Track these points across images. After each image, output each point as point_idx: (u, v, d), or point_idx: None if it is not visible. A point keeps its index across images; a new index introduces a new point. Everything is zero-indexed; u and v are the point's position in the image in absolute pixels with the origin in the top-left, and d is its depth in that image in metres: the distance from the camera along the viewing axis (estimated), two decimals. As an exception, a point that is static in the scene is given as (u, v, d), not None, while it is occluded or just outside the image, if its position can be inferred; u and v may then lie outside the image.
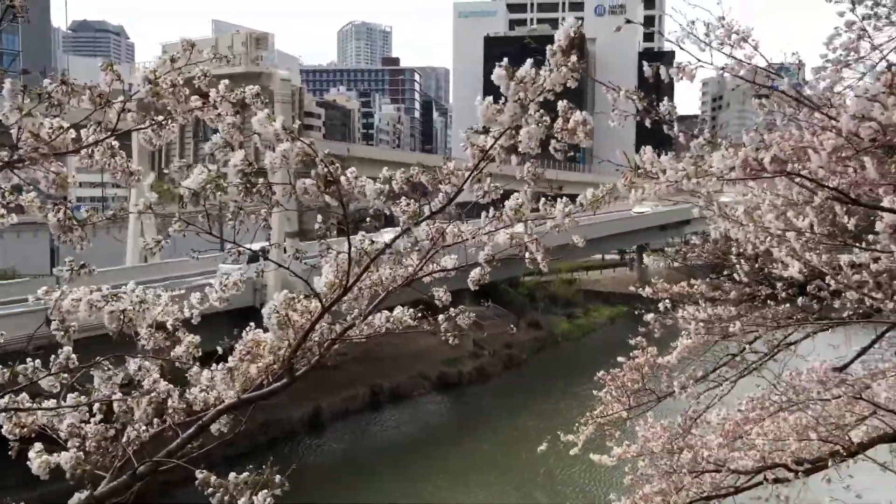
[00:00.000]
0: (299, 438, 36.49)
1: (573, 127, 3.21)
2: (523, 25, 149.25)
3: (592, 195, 3.79)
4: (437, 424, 41.34)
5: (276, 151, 3.11)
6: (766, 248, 6.14)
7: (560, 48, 3.04)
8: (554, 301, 64.69)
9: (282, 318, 3.57)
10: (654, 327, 10.22)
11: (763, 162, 3.22)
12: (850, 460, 9.32)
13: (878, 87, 3.11)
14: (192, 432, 3.57)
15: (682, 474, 10.57)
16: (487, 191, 3.39)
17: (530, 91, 3.02)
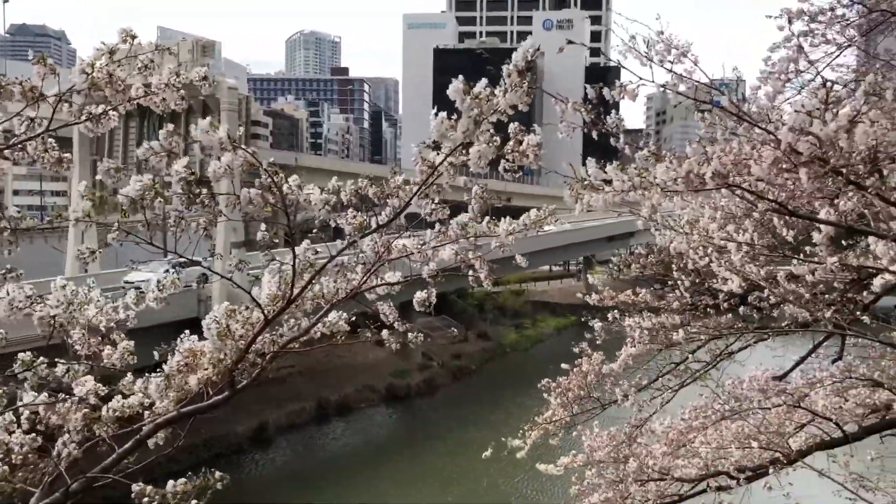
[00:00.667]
0: (245, 453, 35.87)
1: (525, 149, 3.22)
2: (473, 38, 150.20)
3: (535, 215, 3.81)
4: (385, 437, 41.09)
5: (219, 160, 3.03)
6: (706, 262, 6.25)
7: (516, 69, 3.05)
8: (503, 312, 65.02)
9: (222, 328, 3.48)
10: (599, 335, 10.32)
11: (705, 175, 3.27)
12: (789, 467, 9.50)
13: (815, 102, 3.19)
14: (128, 447, 3.45)
15: (628, 483, 10.68)
16: (435, 208, 3.38)
17: (485, 108, 3.02)
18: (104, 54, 3.46)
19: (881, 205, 3.63)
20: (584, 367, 10.43)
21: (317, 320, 3.69)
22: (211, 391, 3.55)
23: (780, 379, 9.87)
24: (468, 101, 3.01)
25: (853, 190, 3.34)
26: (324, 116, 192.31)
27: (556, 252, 63.71)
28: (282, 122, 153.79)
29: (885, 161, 4.52)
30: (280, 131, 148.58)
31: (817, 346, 10.06)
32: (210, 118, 3.26)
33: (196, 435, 32.03)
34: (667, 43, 4.19)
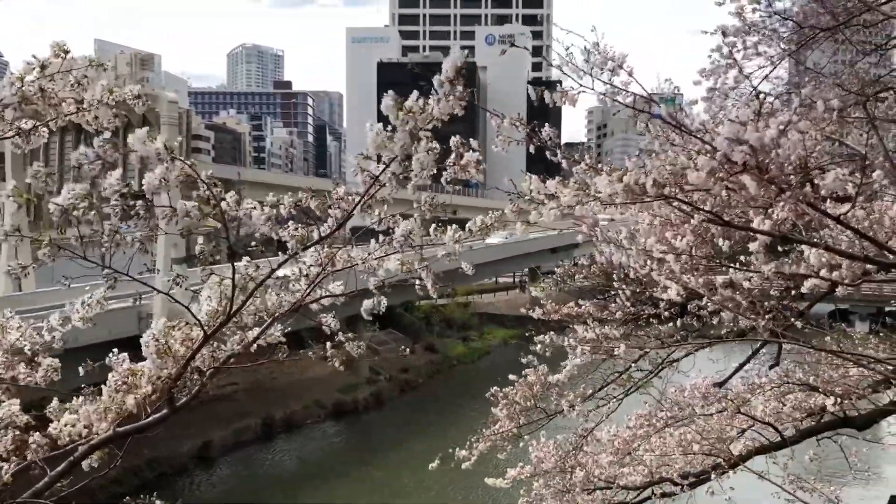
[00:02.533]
0: (189, 473, 35.09)
1: (466, 164, 3.24)
2: (416, 52, 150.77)
3: (482, 222, 3.82)
4: (332, 452, 40.63)
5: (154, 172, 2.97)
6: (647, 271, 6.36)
7: (447, 78, 3.07)
8: (449, 324, 65.08)
9: (161, 346, 3.40)
10: (544, 349, 10.41)
11: (645, 186, 3.33)
12: (731, 472, 9.70)
13: (748, 112, 3.28)
14: (61, 469, 3.33)
15: (576, 493, 10.77)
16: (382, 217, 3.37)
17: (420, 120, 3.03)
18: (34, 68, 3.37)
19: (812, 213, 3.74)
20: (530, 379, 10.49)
21: (259, 334, 3.63)
22: (149, 410, 3.46)
23: (720, 385, 10.08)
24: (402, 116, 3.01)
25: (785, 199, 3.44)
26: (267, 130, 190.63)
27: (502, 264, 64.15)
28: (224, 136, 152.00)
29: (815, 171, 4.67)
30: (222, 145, 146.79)
31: (755, 352, 10.31)
32: (147, 128, 3.19)
33: (139, 456, 31.22)
34: (603, 55, 4.26)
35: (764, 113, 3.24)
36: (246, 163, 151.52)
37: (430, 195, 3.43)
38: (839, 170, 3.57)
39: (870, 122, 5.23)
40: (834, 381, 9.83)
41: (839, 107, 7.24)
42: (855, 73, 9.79)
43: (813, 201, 4.11)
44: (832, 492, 9.29)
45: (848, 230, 4.00)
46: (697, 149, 3.36)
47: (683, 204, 3.60)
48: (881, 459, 21.32)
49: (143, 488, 27.29)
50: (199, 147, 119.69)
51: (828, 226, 4.41)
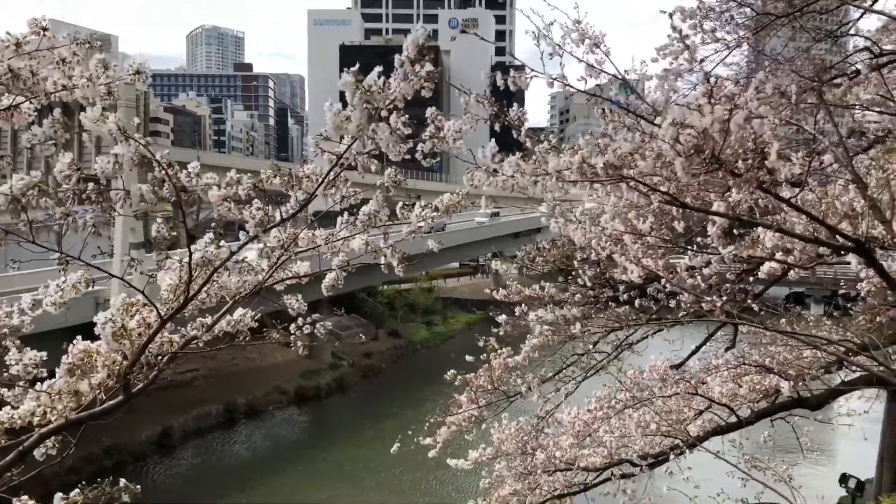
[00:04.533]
0: (148, 460, 34.68)
1: (445, 135, 3.21)
2: (379, 35, 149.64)
3: (448, 199, 3.81)
4: (295, 438, 40.49)
5: (109, 153, 2.90)
6: (607, 252, 6.42)
7: (409, 58, 3.04)
8: (413, 309, 65.01)
9: (117, 328, 3.32)
10: (505, 329, 10.45)
11: (597, 166, 3.35)
12: (689, 452, 9.85)
13: (698, 95, 3.31)
14: (11, 458, 3.25)
15: (537, 474, 10.86)
16: (345, 195, 3.32)
17: (378, 99, 3.00)
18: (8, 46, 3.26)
19: (766, 197, 3.80)
20: (491, 362, 10.54)
21: (218, 317, 3.58)
22: (105, 396, 3.39)
23: (677, 367, 10.23)
24: (359, 94, 2.98)
25: (740, 182, 3.49)
26: (227, 113, 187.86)
27: (465, 249, 64.27)
28: (183, 119, 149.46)
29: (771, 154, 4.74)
30: (182, 128, 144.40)
31: (711, 334, 10.47)
32: (99, 106, 3.11)
33: (96, 443, 30.77)
34: (581, 32, 4.24)
35: (716, 97, 3.27)
36: (206, 146, 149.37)
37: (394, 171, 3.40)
38: (790, 152, 3.63)
39: (823, 107, 5.32)
40: (788, 363, 10.02)
41: (795, 92, 7.36)
42: (810, 60, 9.94)
43: (766, 185, 4.18)
44: (784, 470, 9.49)
45: (800, 213, 4.07)
46: (650, 133, 3.38)
47: (641, 185, 3.64)
48: (832, 438, 21.89)
49: (100, 476, 26.88)
50: (157, 130, 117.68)
51: (783, 209, 4.48)
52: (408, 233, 3.64)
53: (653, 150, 3.57)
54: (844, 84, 9.58)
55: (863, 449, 20.65)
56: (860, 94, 8.89)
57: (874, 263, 4.12)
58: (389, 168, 3.49)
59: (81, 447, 3.58)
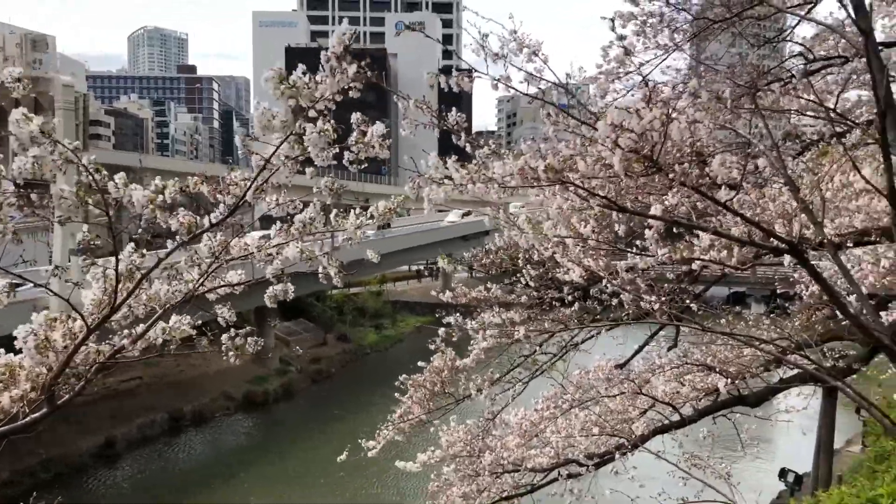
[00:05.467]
0: (90, 472, 33.78)
1: (370, 140, 3.16)
2: (325, 37, 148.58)
3: (384, 206, 3.77)
4: (242, 445, 39.91)
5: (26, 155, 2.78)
6: (550, 254, 6.46)
7: (335, 55, 2.99)
8: (362, 313, 64.70)
9: (40, 340, 3.20)
10: (453, 332, 10.44)
11: (538, 170, 3.36)
12: (633, 452, 9.96)
13: (636, 99, 3.35)
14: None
15: (484, 476, 10.87)
16: (281, 202, 3.25)
17: (305, 96, 2.94)
18: None
19: (703, 199, 3.86)
20: (437, 364, 10.52)
21: (148, 327, 3.48)
22: (28, 409, 3.25)
23: (621, 367, 10.35)
24: (283, 91, 2.92)
25: (677, 185, 3.53)
26: (170, 116, 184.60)
27: (414, 252, 64.22)
28: (125, 122, 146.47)
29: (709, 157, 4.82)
30: (123, 131, 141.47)
31: (653, 335, 10.62)
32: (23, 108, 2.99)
33: (33, 456, 29.86)
34: (519, 42, 4.27)
35: (654, 101, 3.31)
36: (149, 149, 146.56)
37: (331, 178, 3.34)
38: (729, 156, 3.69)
39: (757, 112, 5.44)
40: (729, 361, 10.21)
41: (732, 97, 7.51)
42: (747, 66, 10.15)
43: (702, 188, 4.24)
44: (723, 468, 9.67)
45: (735, 216, 4.14)
46: (590, 136, 3.40)
47: (580, 189, 3.65)
48: (772, 434, 22.45)
49: (38, 489, 26.13)
50: (98, 133, 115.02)
51: (721, 212, 4.56)
52: (344, 240, 3.58)
53: (592, 154, 3.60)
54: (779, 89, 9.83)
55: (802, 444, 21.25)
56: (794, 99, 9.13)
57: (806, 264, 4.22)
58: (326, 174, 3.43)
59: (18, 460, 3.43)
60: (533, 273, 9.56)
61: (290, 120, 2.93)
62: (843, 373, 10.11)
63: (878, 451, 9.54)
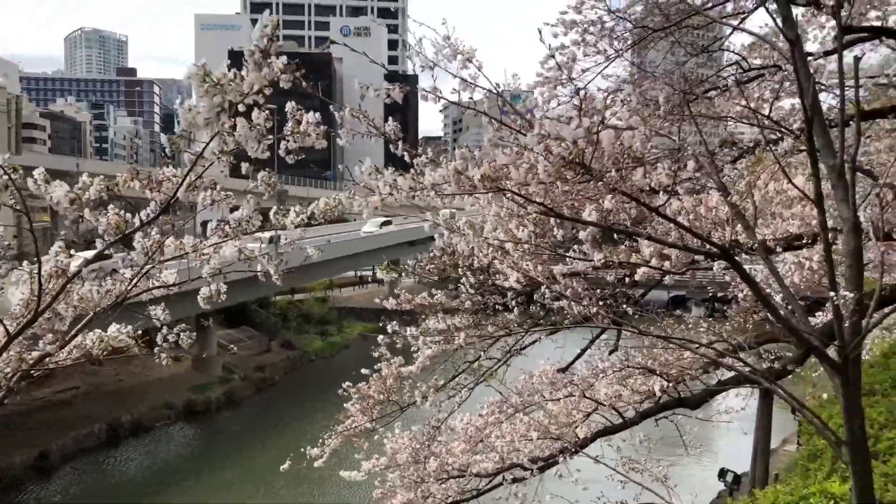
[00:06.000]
0: (24, 486, 32.68)
1: (305, 129, 3.12)
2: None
3: (325, 204, 3.73)
4: (182, 455, 39.09)
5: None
6: (489, 260, 6.48)
7: (258, 48, 2.95)
8: (307, 320, 64.10)
9: (-42, 349, 3.07)
10: (397, 339, 10.41)
11: (474, 178, 3.36)
12: (577, 455, 10.05)
13: (569, 107, 3.39)
14: None
15: (430, 483, 10.84)
16: (216, 199, 3.18)
17: (230, 91, 2.89)
18: None
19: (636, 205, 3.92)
20: (383, 372, 10.47)
21: (76, 332, 3.37)
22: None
23: (564, 371, 10.45)
24: (207, 87, 2.87)
25: (609, 192, 3.58)
26: (109, 119, 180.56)
27: (361, 257, 63.91)
28: (62, 125, 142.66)
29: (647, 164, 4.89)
30: (60, 135, 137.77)
31: (594, 339, 10.74)
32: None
33: (-39, 472, 28.82)
34: (453, 48, 4.27)
35: (586, 109, 3.35)
36: (87, 153, 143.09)
37: (268, 174, 3.28)
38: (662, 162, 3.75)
39: (690, 119, 5.56)
40: (669, 364, 10.37)
41: (668, 104, 7.66)
42: (684, 74, 10.38)
43: (640, 193, 4.30)
44: (661, 470, 9.82)
45: (668, 221, 4.22)
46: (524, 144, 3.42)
47: (516, 196, 3.67)
48: (711, 435, 22.92)
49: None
50: (33, 136, 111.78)
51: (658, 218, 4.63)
52: (287, 242, 3.53)
53: (527, 162, 3.62)
54: (716, 97, 10.08)
55: (742, 444, 21.76)
56: (730, 106, 9.36)
57: (737, 268, 4.32)
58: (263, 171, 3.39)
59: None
60: (472, 280, 9.58)
61: (213, 116, 2.87)
62: (778, 374, 10.37)
63: (810, 450, 9.81)
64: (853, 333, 4.19)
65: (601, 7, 9.78)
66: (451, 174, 3.33)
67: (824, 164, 4.31)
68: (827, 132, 4.38)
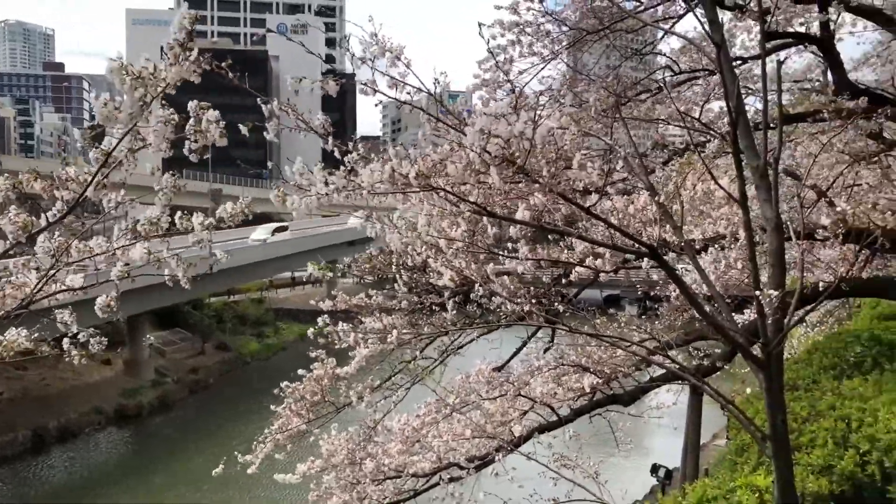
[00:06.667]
0: (-59, 496, 31.40)
1: (206, 127, 3.04)
2: (204, 38, 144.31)
3: (232, 208, 3.63)
4: (112, 461, 38.04)
5: None
6: (423, 258, 6.46)
7: (177, 41, 2.87)
8: (243, 321, 63.14)
9: None
10: (333, 339, 10.29)
11: (409, 176, 3.34)
12: (513, 453, 10.10)
13: (504, 105, 3.39)
14: None
15: (366, 484, 10.76)
16: (121, 202, 3.07)
17: (150, 86, 2.80)
18: None
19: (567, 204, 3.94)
20: (316, 373, 10.35)
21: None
22: None
23: (499, 370, 10.50)
24: (129, 82, 2.78)
25: (541, 190, 3.59)
26: (35, 115, 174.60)
27: (298, 258, 63.29)
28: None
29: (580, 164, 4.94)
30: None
31: (529, 337, 10.83)
32: None
33: None
34: (381, 46, 4.23)
35: (521, 107, 3.35)
36: (11, 150, 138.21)
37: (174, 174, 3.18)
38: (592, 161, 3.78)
39: (620, 120, 5.64)
40: (603, 362, 10.52)
41: (601, 106, 7.78)
42: (616, 76, 10.56)
43: (574, 193, 4.33)
44: (592, 466, 9.94)
45: (597, 220, 4.27)
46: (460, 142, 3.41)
47: (449, 194, 3.66)
48: (644, 432, 23.40)
49: None
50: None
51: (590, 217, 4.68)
52: (194, 243, 3.43)
53: (461, 159, 3.61)
54: (649, 99, 10.27)
55: (675, 440, 22.25)
56: (661, 109, 9.56)
57: (665, 267, 4.39)
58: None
59: None
60: (405, 278, 9.56)
61: (137, 111, 2.78)
62: (706, 371, 10.62)
63: (738, 445, 10.08)
64: (776, 331, 4.30)
65: (536, 8, 9.87)
66: (385, 173, 3.29)
67: (748, 166, 4.42)
68: (751, 134, 4.49)
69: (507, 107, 3.33)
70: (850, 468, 7.40)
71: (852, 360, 11.60)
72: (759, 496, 7.16)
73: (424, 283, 9.31)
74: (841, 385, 10.25)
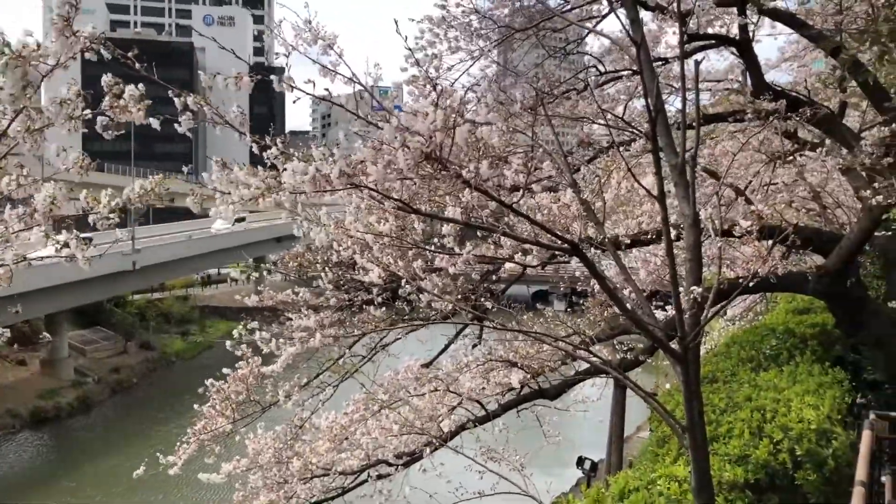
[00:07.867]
0: None
1: (126, 105, 2.94)
2: (126, 27, 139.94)
3: (140, 187, 3.52)
4: (27, 466, 36.59)
5: None
6: (350, 254, 6.42)
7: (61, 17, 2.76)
8: (167, 319, 61.60)
9: None
10: (262, 339, 10.13)
11: (331, 176, 3.30)
12: (441, 449, 10.13)
13: (426, 102, 3.39)
14: None
15: (293, 483, 10.64)
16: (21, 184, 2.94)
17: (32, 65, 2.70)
18: None
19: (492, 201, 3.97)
20: (242, 372, 10.19)
21: None
22: None
23: (428, 366, 10.53)
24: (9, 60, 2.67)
25: (467, 187, 3.61)
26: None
27: (225, 254, 62.11)
28: None
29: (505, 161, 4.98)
30: None
31: (457, 334, 10.89)
32: None
33: None
34: (314, 33, 4.16)
35: (442, 105, 3.35)
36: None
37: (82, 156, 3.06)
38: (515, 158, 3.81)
39: (545, 118, 5.72)
40: (530, 357, 10.65)
41: (527, 104, 7.86)
42: (544, 74, 10.69)
43: (499, 190, 4.36)
44: (518, 460, 10.06)
45: (519, 216, 4.31)
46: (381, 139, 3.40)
47: (373, 192, 3.64)
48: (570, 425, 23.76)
49: None
50: None
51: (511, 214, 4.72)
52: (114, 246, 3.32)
53: (385, 156, 3.59)
54: (575, 97, 10.43)
55: (601, 433, 22.70)
56: (583, 105, 9.72)
57: (587, 262, 4.47)
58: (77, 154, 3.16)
59: None
60: (331, 275, 9.48)
61: (19, 91, 2.67)
62: (629, 365, 10.88)
63: (659, 437, 10.34)
64: (693, 325, 4.43)
65: (466, 4, 9.90)
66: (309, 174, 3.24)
67: (667, 163, 4.53)
68: (670, 133, 4.61)
69: (429, 104, 3.34)
70: (765, 457, 7.66)
71: (768, 353, 12.02)
72: (678, 486, 7.35)
73: (350, 279, 9.24)
74: (757, 377, 10.60)
